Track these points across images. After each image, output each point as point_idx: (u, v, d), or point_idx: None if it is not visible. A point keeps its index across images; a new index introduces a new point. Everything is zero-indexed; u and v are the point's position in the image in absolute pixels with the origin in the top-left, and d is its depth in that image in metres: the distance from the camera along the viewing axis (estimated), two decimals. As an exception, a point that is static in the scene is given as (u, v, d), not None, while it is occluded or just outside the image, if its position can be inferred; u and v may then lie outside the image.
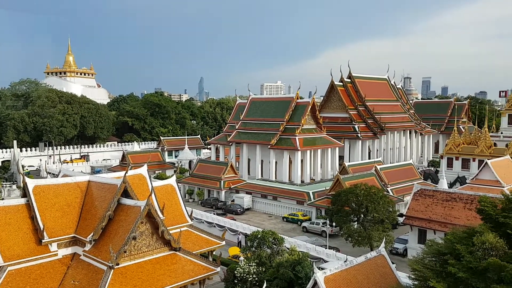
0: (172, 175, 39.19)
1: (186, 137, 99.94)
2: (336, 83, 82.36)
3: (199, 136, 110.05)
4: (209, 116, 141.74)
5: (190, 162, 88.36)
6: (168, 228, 27.81)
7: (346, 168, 59.19)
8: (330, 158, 71.96)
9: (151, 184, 31.18)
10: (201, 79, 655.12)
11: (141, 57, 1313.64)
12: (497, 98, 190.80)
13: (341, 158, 76.28)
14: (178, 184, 38.90)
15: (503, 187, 45.09)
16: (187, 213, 33.84)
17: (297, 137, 66.47)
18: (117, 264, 24.51)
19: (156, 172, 78.48)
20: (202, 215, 51.70)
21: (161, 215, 27.48)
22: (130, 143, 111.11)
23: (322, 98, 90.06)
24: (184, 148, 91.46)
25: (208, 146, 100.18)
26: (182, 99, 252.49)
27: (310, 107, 68.85)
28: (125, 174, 27.64)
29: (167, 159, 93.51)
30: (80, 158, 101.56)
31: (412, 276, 20.64)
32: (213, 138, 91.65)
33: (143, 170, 31.87)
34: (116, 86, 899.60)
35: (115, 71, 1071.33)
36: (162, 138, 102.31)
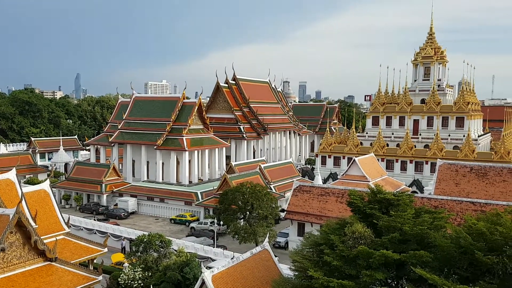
0: (45, 180, 36.00)
1: (61, 137, 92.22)
2: (221, 84, 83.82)
3: (76, 136, 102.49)
4: (88, 115, 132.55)
5: (66, 165, 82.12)
6: (42, 237, 25.63)
7: (233, 167, 60.70)
8: (218, 158, 72.98)
9: (21, 190, 28.50)
10: (78, 75, 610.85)
11: (8, 50, 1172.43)
12: (363, 101, 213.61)
13: (228, 157, 77.89)
14: (53, 189, 36.11)
15: (369, 181, 50.51)
16: (64, 220, 31.53)
17: (184, 138, 66.02)
18: (-20, 282, 21.77)
19: (27, 176, 71.51)
20: (81, 221, 48.44)
21: (33, 224, 25.22)
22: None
23: (208, 98, 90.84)
24: (59, 149, 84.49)
25: (87, 147, 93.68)
26: (56, 96, 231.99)
27: (197, 107, 68.95)
28: (-11, 180, 24.67)
29: (39, 162, 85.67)
30: None
31: (293, 267, 22.07)
32: (92, 139, 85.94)
33: (11, 175, 28.88)
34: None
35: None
36: (33, 139, 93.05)
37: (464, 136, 66.00)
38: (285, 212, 43.69)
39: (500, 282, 16.94)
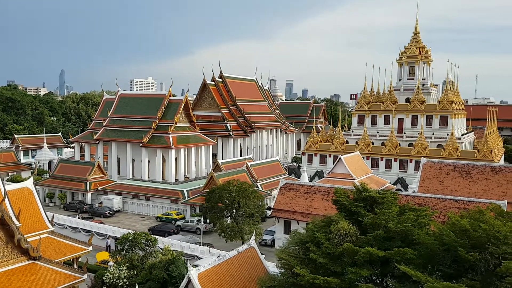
0: (28, 177, 35.43)
1: (44, 135, 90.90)
2: (208, 82, 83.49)
3: (60, 134, 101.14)
4: (72, 112, 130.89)
5: (50, 162, 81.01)
6: (25, 235, 25.22)
7: (220, 165, 60.56)
8: (204, 156, 72.73)
9: (4, 187, 27.85)
10: (62, 72, 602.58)
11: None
12: (349, 100, 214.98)
13: (214, 155, 77.71)
14: (37, 187, 35.45)
15: (354, 179, 50.90)
16: (48, 218, 31.04)
17: (170, 135, 65.62)
18: (-39, 282, 21.33)
19: (10, 174, 70.53)
20: (65, 220, 47.91)
21: (16, 222, 24.78)
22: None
23: (195, 96, 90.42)
24: (43, 147, 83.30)
25: (71, 145, 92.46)
26: (40, 93, 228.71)
27: (183, 105, 68.57)
28: (-30, 177, 24.16)
29: (23, 159, 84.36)
30: None
31: (279, 265, 22.15)
32: (76, 136, 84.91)
33: (-7, 173, 28.27)
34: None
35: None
36: (16, 136, 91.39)
37: (448, 134, 66.92)
38: (272, 210, 43.79)
39: (482, 278, 17.24)
